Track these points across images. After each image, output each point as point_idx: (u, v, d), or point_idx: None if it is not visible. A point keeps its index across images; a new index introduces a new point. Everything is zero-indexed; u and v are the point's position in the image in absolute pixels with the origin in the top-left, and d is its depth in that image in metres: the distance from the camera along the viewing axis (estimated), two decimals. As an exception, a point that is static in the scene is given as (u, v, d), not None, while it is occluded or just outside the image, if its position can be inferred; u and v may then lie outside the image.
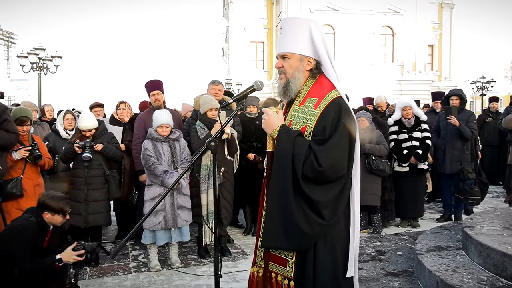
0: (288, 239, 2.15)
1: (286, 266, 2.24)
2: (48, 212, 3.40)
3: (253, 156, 5.84)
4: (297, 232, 2.12)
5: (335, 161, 2.11)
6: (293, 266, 2.21)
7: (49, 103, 7.75)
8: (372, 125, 6.21)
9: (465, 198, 6.43)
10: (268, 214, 2.21)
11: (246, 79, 27.82)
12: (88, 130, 4.87)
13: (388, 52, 32.30)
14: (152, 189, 4.71)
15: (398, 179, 6.46)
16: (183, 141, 5.01)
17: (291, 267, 2.22)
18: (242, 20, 32.65)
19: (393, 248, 5.44)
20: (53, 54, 17.03)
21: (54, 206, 3.40)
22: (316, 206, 2.12)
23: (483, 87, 26.69)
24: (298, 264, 2.21)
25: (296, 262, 2.21)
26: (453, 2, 34.79)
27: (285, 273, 2.24)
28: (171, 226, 4.68)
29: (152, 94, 5.59)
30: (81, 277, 4.58)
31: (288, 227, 2.14)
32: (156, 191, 4.68)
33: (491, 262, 3.71)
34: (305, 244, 2.17)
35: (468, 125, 6.49)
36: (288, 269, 2.23)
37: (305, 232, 2.11)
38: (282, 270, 2.25)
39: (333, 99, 2.20)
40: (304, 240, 2.15)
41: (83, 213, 4.77)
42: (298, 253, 2.21)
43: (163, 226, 4.65)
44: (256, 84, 2.41)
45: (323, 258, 2.18)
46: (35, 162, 4.54)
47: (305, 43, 2.27)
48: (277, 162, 2.18)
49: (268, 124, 2.25)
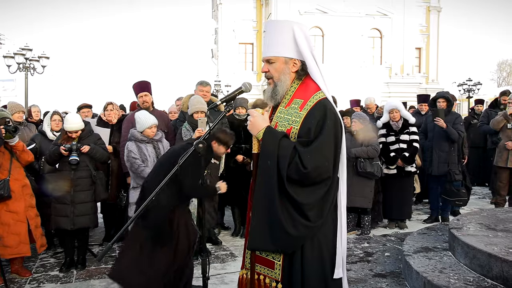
0: (274, 241, 2.14)
1: (273, 269, 2.23)
2: (216, 142, 3.80)
3: (242, 158, 5.83)
4: (283, 234, 2.11)
5: (320, 162, 2.10)
6: (280, 269, 2.20)
7: (36, 104, 7.65)
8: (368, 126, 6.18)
9: (452, 199, 6.50)
10: (254, 216, 2.19)
11: (235, 81, 27.82)
12: (74, 131, 4.80)
13: (376, 54, 32.53)
14: (138, 191, 4.65)
15: (386, 181, 6.51)
16: (165, 141, 4.97)
17: (278, 269, 2.21)
18: (231, 22, 32.66)
19: (381, 250, 5.47)
20: (40, 55, 16.84)
21: (222, 138, 3.82)
22: (301, 208, 2.11)
23: (470, 89, 27.04)
24: (286, 266, 2.20)
25: (284, 264, 2.20)
26: (440, 5, 35.20)
27: (272, 275, 2.23)
28: None
29: (140, 96, 5.54)
30: (67, 280, 4.54)
31: (274, 229, 2.13)
32: None
33: (477, 263, 3.74)
34: (291, 246, 2.16)
35: (455, 127, 6.56)
36: (275, 271, 2.22)
37: (291, 234, 2.10)
38: (269, 272, 2.24)
39: (318, 101, 2.20)
40: (290, 242, 2.14)
41: (69, 215, 4.71)
42: (285, 255, 2.20)
43: None
44: (244, 85, 2.41)
45: (310, 260, 2.18)
46: (13, 136, 4.41)
47: (289, 45, 2.26)
48: (262, 163, 2.17)
49: (254, 125, 2.24)
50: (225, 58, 32.85)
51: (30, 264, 5.04)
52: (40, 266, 5.02)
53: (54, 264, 5.09)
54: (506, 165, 6.74)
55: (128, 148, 4.67)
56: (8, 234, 4.35)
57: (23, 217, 4.50)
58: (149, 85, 5.67)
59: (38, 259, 5.24)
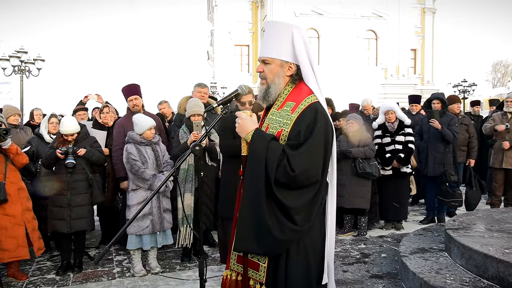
0: (260, 244, 2.13)
1: (258, 271, 2.22)
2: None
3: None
4: (269, 237, 2.10)
5: (309, 166, 2.08)
6: (265, 271, 2.19)
7: (39, 107, 7.64)
8: (363, 127, 6.23)
9: (448, 200, 6.52)
10: (241, 218, 2.18)
11: (231, 83, 27.78)
12: (70, 134, 4.79)
13: (371, 56, 32.59)
14: (138, 193, 4.66)
15: (382, 182, 6.53)
16: (162, 144, 4.99)
17: (263, 271, 2.20)
18: (227, 24, 32.62)
19: (378, 251, 5.48)
20: (35, 57, 16.78)
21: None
22: (289, 211, 2.09)
23: (465, 90, 27.15)
24: (271, 268, 2.19)
25: (269, 267, 2.19)
26: (435, 7, 35.29)
27: (257, 277, 2.22)
28: (158, 230, 4.66)
29: (130, 100, 5.48)
30: (64, 283, 4.53)
31: (260, 231, 2.12)
32: (143, 195, 4.64)
33: (473, 264, 3.76)
34: (277, 249, 2.15)
35: (450, 128, 6.60)
36: (260, 273, 2.21)
37: (277, 238, 2.09)
38: (254, 274, 2.23)
39: (310, 104, 2.19)
40: (276, 245, 2.12)
41: (66, 218, 4.70)
42: (270, 258, 2.19)
43: (151, 230, 4.62)
44: (240, 88, 2.42)
45: (295, 263, 2.16)
46: (4, 139, 4.37)
47: (286, 49, 2.25)
48: (250, 166, 2.17)
49: (242, 128, 2.23)
50: (221, 60, 32.80)
51: (26, 268, 5.02)
52: (36, 269, 5.01)
53: (51, 267, 5.08)
54: (501, 166, 6.80)
55: (128, 150, 4.67)
56: (6, 238, 4.34)
57: (20, 220, 4.48)
58: (139, 88, 5.62)
59: (34, 262, 5.22)
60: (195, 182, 4.96)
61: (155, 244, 4.76)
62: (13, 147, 4.50)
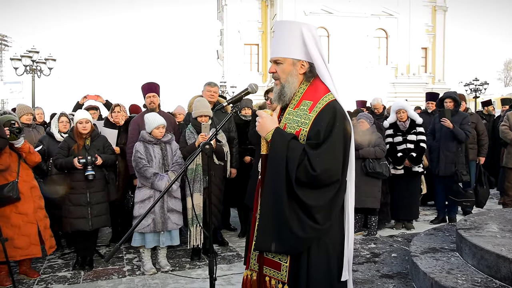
0: (281, 243, 2.13)
1: (280, 270, 2.21)
2: None
3: (249, 159, 5.83)
4: (290, 235, 2.10)
5: (329, 165, 2.08)
6: (287, 270, 2.19)
7: (39, 106, 7.70)
8: (373, 127, 6.22)
9: (459, 200, 6.46)
10: (262, 217, 2.18)
11: (241, 82, 27.78)
12: (85, 121, 4.85)
13: (382, 55, 32.39)
14: (142, 191, 4.71)
15: (393, 182, 6.48)
16: (175, 144, 5.00)
17: (285, 271, 2.20)
18: (236, 23, 32.66)
19: (388, 250, 5.45)
20: (46, 57, 16.95)
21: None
22: (310, 210, 2.09)
23: (476, 89, 26.86)
24: (292, 268, 2.18)
25: (290, 266, 2.18)
26: (446, 5, 35.01)
27: (279, 277, 2.22)
28: (160, 229, 4.68)
29: (148, 96, 5.57)
30: (75, 281, 4.57)
31: (282, 230, 2.11)
32: (146, 193, 4.69)
33: (485, 264, 3.72)
34: (299, 247, 2.15)
35: (462, 127, 6.52)
36: (282, 273, 2.21)
37: (299, 236, 2.09)
38: (276, 274, 2.23)
39: (328, 103, 2.17)
40: (297, 244, 2.12)
41: (87, 216, 4.77)
42: (292, 257, 2.19)
43: (152, 229, 4.64)
44: (250, 87, 2.41)
45: (316, 261, 2.16)
46: (18, 138, 4.44)
47: (297, 47, 2.24)
48: (270, 165, 2.16)
49: (262, 127, 2.22)
50: (231, 59, 32.85)
51: (38, 265, 5.07)
52: (48, 267, 5.05)
53: (62, 265, 5.12)
54: (514, 165, 6.72)
55: (136, 148, 4.74)
56: (18, 236, 4.38)
57: (33, 218, 4.53)
58: (158, 87, 5.71)
59: (46, 260, 5.27)
60: (204, 182, 4.99)
61: (158, 244, 4.78)
62: (26, 145, 4.55)
